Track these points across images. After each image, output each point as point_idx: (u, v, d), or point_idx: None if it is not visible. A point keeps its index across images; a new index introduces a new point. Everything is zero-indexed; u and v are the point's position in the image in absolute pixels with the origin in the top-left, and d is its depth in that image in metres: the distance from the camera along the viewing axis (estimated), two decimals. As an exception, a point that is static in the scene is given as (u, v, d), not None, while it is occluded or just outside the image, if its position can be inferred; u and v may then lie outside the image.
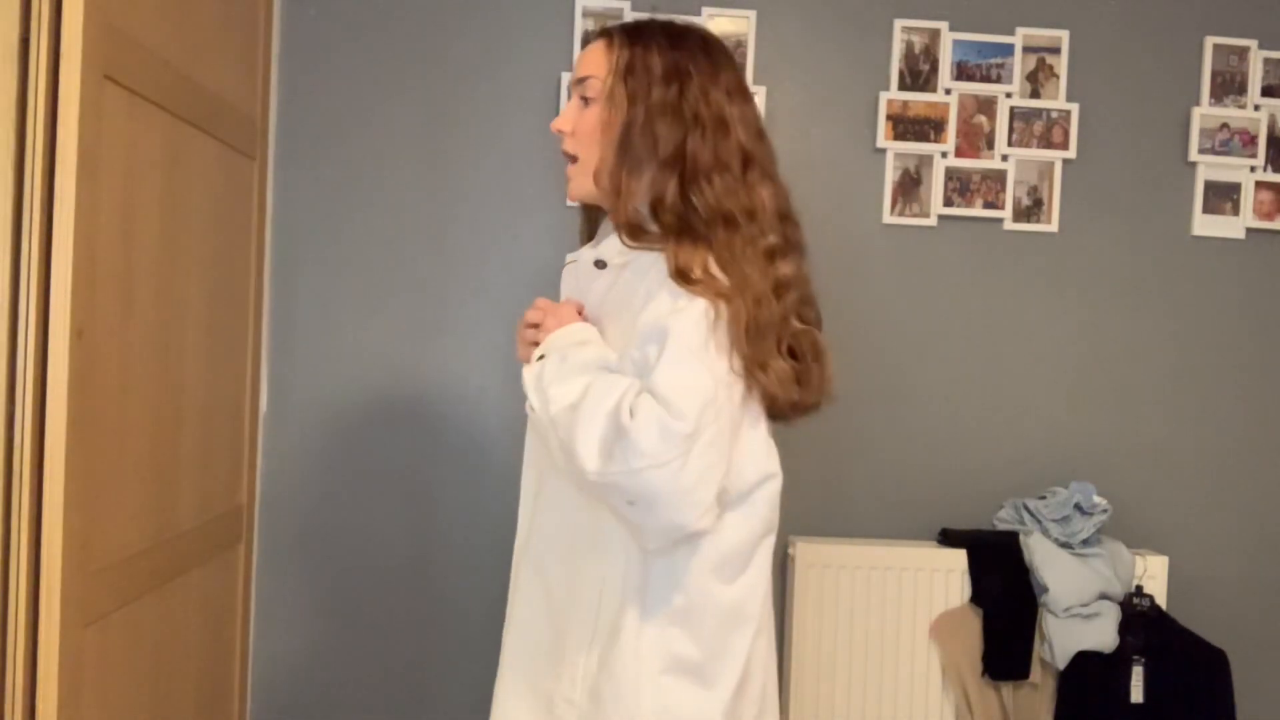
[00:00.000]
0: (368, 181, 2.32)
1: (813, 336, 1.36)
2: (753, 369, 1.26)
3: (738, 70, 1.39)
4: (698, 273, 1.24)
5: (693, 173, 1.29)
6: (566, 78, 2.31)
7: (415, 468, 2.34)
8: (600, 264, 1.38)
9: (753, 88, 2.32)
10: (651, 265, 1.29)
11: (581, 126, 1.35)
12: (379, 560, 2.34)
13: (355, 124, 2.32)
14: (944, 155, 2.36)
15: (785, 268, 1.31)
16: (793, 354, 1.33)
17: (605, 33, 1.38)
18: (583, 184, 1.38)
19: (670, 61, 1.32)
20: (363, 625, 2.34)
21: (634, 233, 1.31)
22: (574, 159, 1.37)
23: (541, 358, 1.33)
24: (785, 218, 1.35)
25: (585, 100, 1.35)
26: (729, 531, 1.31)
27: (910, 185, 2.37)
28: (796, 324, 1.32)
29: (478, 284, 2.34)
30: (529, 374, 1.34)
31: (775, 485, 1.38)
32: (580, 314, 1.40)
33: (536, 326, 1.41)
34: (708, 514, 1.22)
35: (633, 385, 1.23)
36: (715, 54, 1.36)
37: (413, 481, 2.34)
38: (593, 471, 1.21)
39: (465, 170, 2.33)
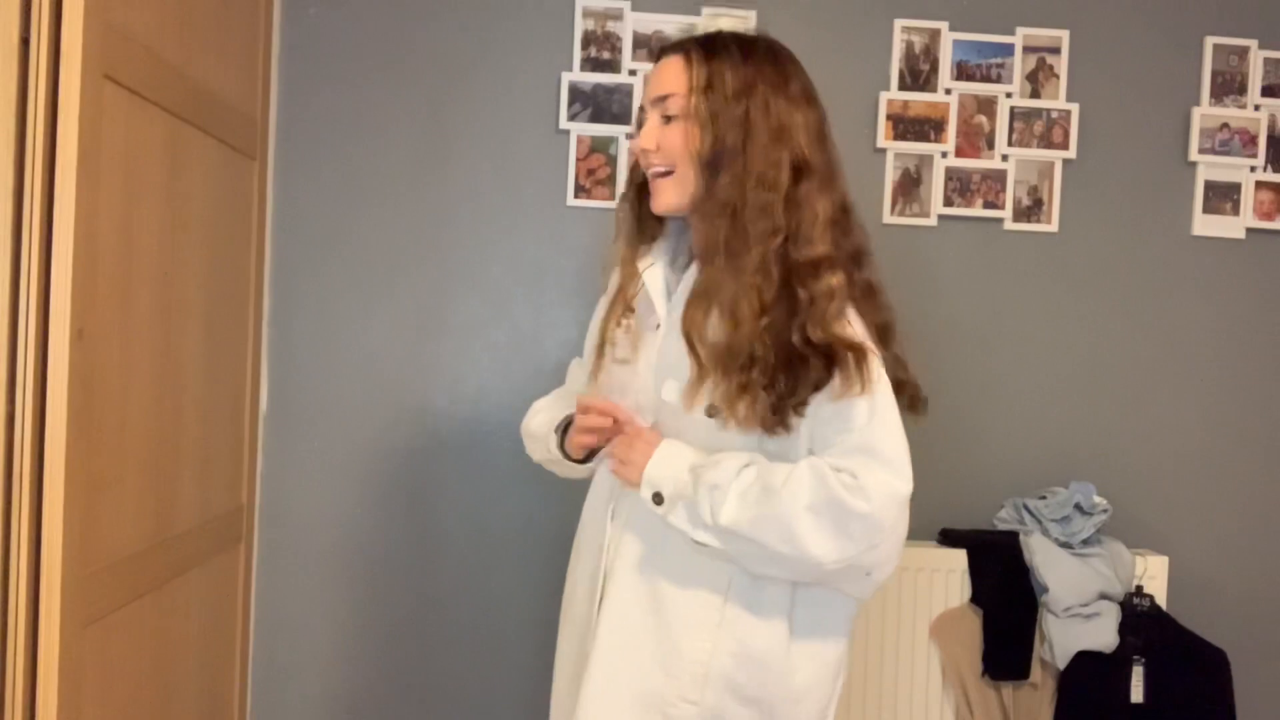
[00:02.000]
0: (368, 181, 2.32)
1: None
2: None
3: (805, 76, 1.40)
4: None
5: (744, 197, 1.32)
6: (567, 78, 2.31)
7: (415, 468, 2.34)
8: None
9: (753, 88, 2.33)
10: None
11: (667, 143, 1.36)
12: (379, 560, 2.34)
13: (355, 124, 2.32)
14: (944, 155, 2.36)
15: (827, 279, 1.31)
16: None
17: (680, 47, 1.39)
18: (673, 197, 1.38)
19: (740, 77, 1.34)
20: (363, 625, 2.34)
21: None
22: (667, 173, 1.37)
23: (658, 495, 1.32)
24: (836, 223, 1.36)
25: (667, 118, 1.36)
26: None
27: (910, 185, 2.37)
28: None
29: (478, 284, 2.34)
30: (678, 520, 1.31)
31: None
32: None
33: (619, 450, 1.38)
34: None
35: (816, 467, 1.27)
36: (783, 62, 1.39)
37: (413, 481, 2.34)
38: (832, 563, 1.26)
39: (465, 170, 2.33)
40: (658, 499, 1.32)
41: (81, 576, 1.52)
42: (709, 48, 1.38)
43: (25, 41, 1.43)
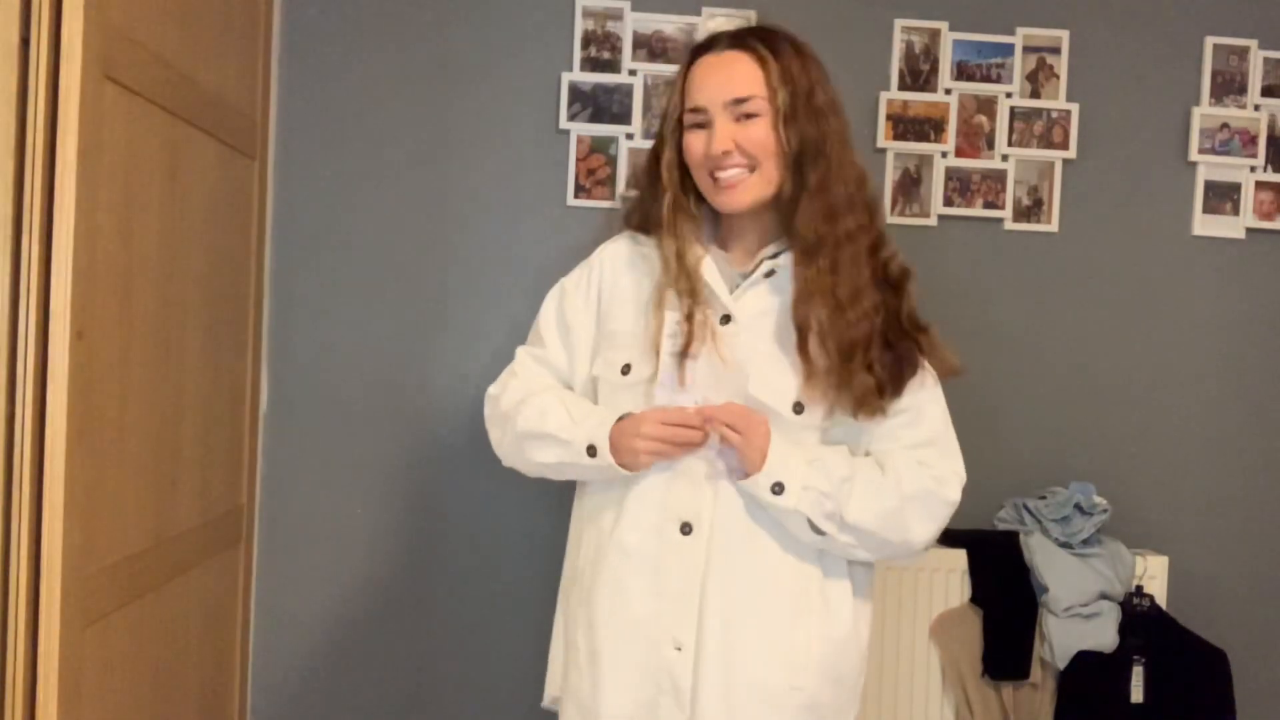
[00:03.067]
0: (368, 181, 2.32)
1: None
2: None
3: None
4: None
5: (835, 190, 1.40)
6: (566, 78, 2.31)
7: (415, 467, 2.34)
8: (771, 273, 1.43)
9: (753, 88, 2.33)
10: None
11: (751, 141, 1.37)
12: (379, 560, 2.34)
13: (355, 124, 2.32)
14: (944, 155, 2.36)
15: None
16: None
17: (740, 45, 1.39)
18: (753, 195, 1.40)
19: (805, 72, 1.40)
20: (363, 625, 2.34)
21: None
22: (747, 171, 1.38)
23: (779, 484, 1.34)
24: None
25: (747, 116, 1.37)
26: None
27: (910, 185, 2.37)
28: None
29: (478, 284, 2.34)
30: (809, 509, 1.35)
31: None
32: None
33: (730, 429, 1.36)
34: None
35: (906, 460, 1.40)
36: (818, 61, 1.47)
37: (413, 481, 2.34)
38: (923, 545, 1.44)
39: (465, 170, 2.33)
40: (777, 488, 1.33)
41: (81, 576, 1.52)
42: (769, 43, 1.39)
43: (25, 41, 1.43)
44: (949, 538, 2.30)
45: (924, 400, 1.44)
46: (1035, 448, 2.40)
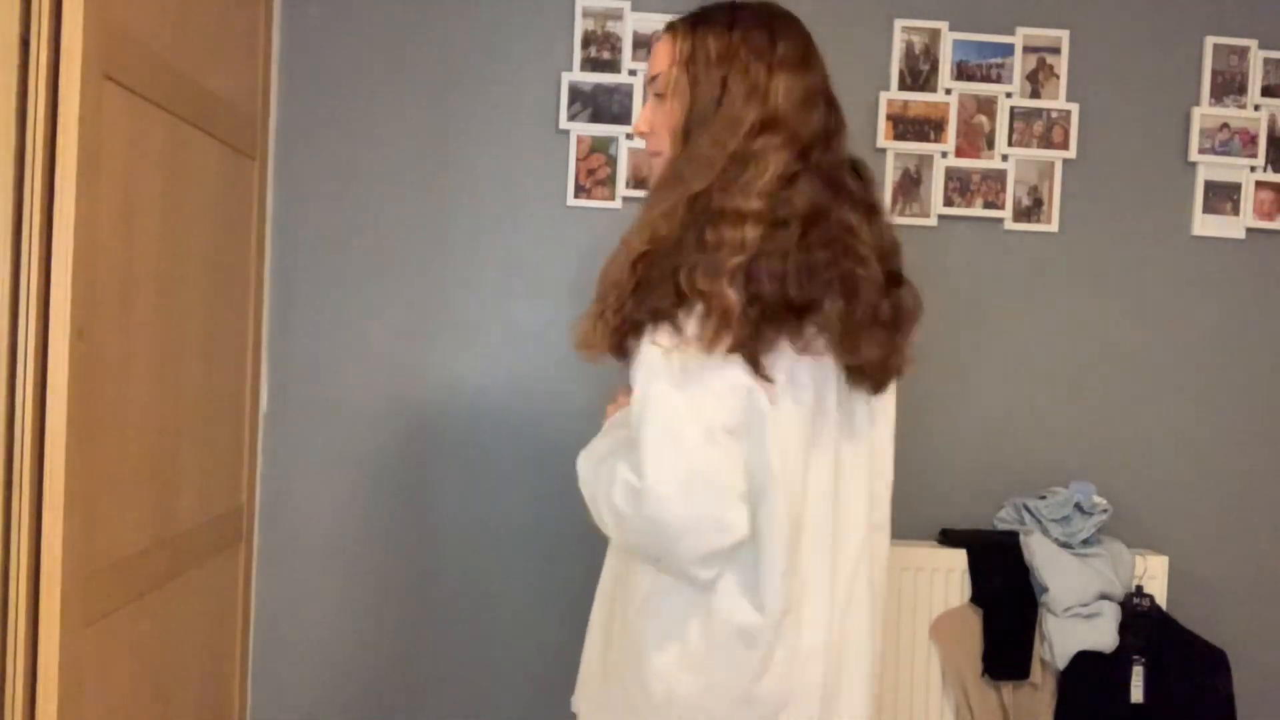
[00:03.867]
0: (368, 181, 2.32)
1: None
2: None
3: (803, 38, 1.34)
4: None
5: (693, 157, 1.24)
6: (566, 78, 2.31)
7: (415, 468, 2.34)
8: None
9: (753, 88, 2.33)
10: None
11: (658, 123, 1.30)
12: (379, 560, 2.34)
13: (355, 124, 2.32)
14: (944, 155, 2.36)
15: (749, 232, 1.16)
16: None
17: (671, 25, 1.33)
18: None
19: (723, 44, 1.26)
20: (363, 625, 2.34)
21: None
22: (658, 154, 1.32)
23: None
24: (793, 180, 1.21)
25: (658, 96, 1.30)
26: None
27: (910, 185, 2.37)
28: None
29: (478, 284, 2.34)
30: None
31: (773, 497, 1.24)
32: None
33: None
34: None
35: (617, 447, 1.25)
36: (776, 26, 1.31)
37: (412, 481, 2.34)
38: (615, 537, 1.26)
39: (465, 170, 2.33)
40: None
41: (81, 576, 1.52)
42: (697, 19, 1.31)
43: (25, 41, 1.43)
44: (949, 538, 2.31)
45: (638, 361, 1.16)
46: (1035, 448, 2.40)
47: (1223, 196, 2.41)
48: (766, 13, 1.33)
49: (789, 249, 1.16)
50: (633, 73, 2.32)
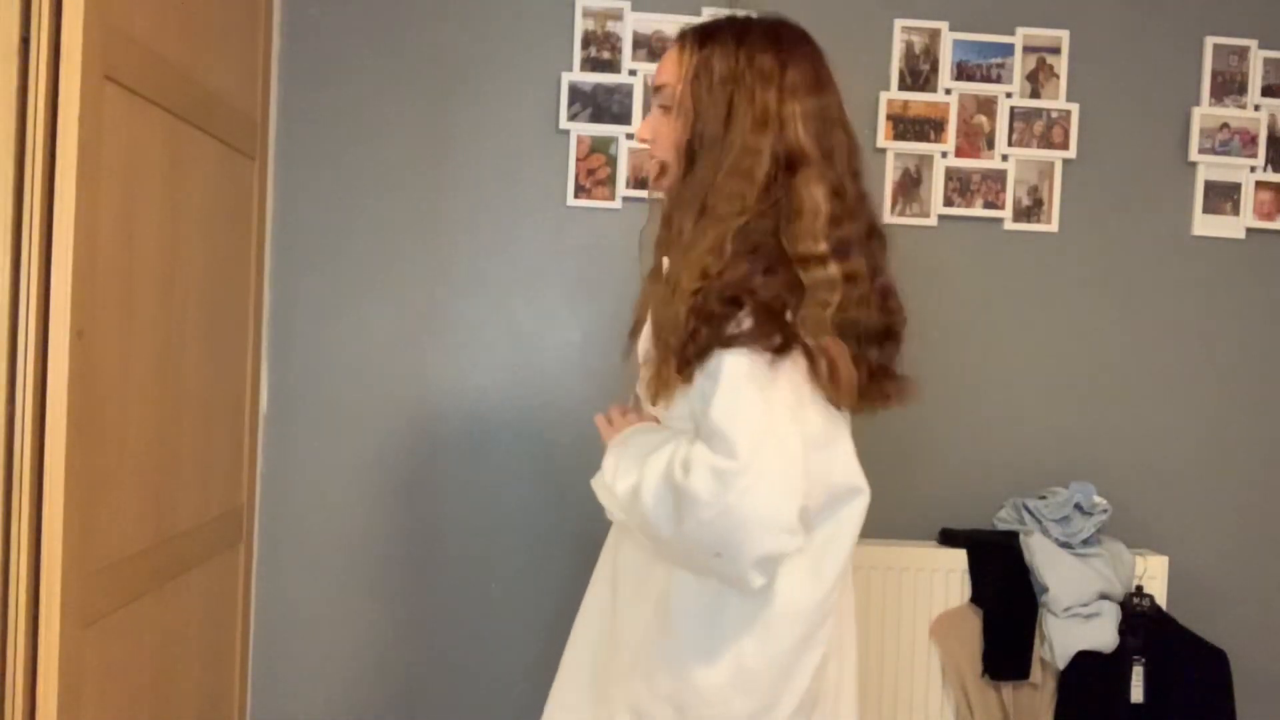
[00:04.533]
0: (368, 181, 2.32)
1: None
2: None
3: (814, 62, 1.34)
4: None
5: (716, 185, 1.25)
6: (566, 78, 2.31)
7: (415, 467, 2.34)
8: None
9: (753, 88, 2.33)
10: None
11: (661, 134, 1.33)
12: (379, 560, 2.34)
13: (355, 123, 2.32)
14: (944, 155, 2.36)
15: (819, 272, 1.21)
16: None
17: (680, 37, 1.35)
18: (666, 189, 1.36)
19: (728, 64, 1.28)
20: (363, 625, 2.34)
21: None
22: (663, 165, 1.34)
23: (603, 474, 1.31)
24: (839, 221, 1.25)
25: (664, 109, 1.33)
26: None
27: (910, 185, 2.37)
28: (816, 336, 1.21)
29: (478, 284, 2.34)
30: (597, 482, 1.30)
31: (857, 502, 1.34)
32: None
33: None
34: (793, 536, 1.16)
35: (679, 441, 1.21)
36: (785, 47, 1.31)
37: (412, 481, 2.34)
38: (670, 537, 1.19)
39: (465, 170, 2.33)
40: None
41: (81, 576, 1.52)
42: (705, 34, 1.32)
43: (25, 41, 1.43)
44: (949, 538, 2.31)
45: (713, 386, 1.16)
46: (1035, 448, 2.40)
47: (1223, 196, 2.41)
48: (775, 34, 1.33)
49: (866, 301, 1.26)
50: (633, 73, 2.32)
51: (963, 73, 2.37)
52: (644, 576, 1.30)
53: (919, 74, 2.36)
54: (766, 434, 1.13)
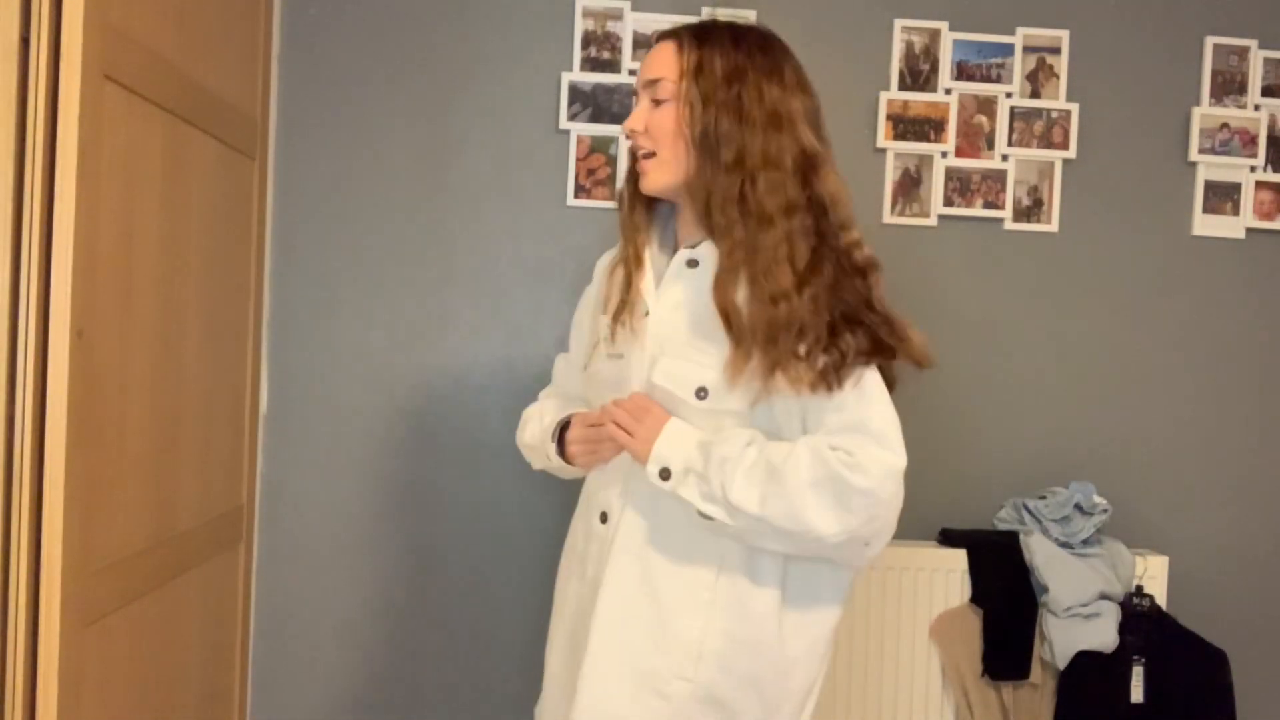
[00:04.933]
0: (368, 181, 2.32)
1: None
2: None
3: (798, 66, 1.43)
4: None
5: (751, 174, 1.34)
6: (566, 78, 2.31)
7: (415, 468, 2.34)
8: (693, 263, 1.42)
9: (753, 88, 2.33)
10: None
11: (655, 125, 1.39)
12: (379, 560, 2.34)
13: (355, 124, 2.32)
14: (944, 155, 2.36)
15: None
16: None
17: (673, 35, 1.42)
18: (661, 178, 1.41)
19: (731, 62, 1.36)
20: (362, 625, 2.34)
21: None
22: (651, 154, 1.40)
23: (665, 470, 1.34)
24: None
25: (656, 101, 1.40)
26: None
27: (910, 185, 2.37)
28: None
29: (478, 284, 2.34)
30: (688, 493, 1.33)
31: None
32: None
33: (624, 431, 1.40)
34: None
35: (814, 445, 1.31)
36: (775, 50, 1.40)
37: (413, 481, 2.34)
38: (834, 536, 1.29)
39: (465, 170, 2.33)
40: (664, 474, 1.34)
41: (81, 576, 1.52)
42: (701, 34, 1.40)
43: (25, 41, 1.43)
44: (949, 538, 2.31)
45: (858, 391, 1.31)
46: (1035, 448, 2.40)
47: (1223, 196, 2.41)
48: (765, 36, 1.43)
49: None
50: (632, 73, 2.32)
51: (963, 73, 2.37)
52: (692, 576, 1.37)
53: (919, 74, 2.36)
54: (898, 435, 1.33)
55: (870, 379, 1.32)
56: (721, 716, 1.36)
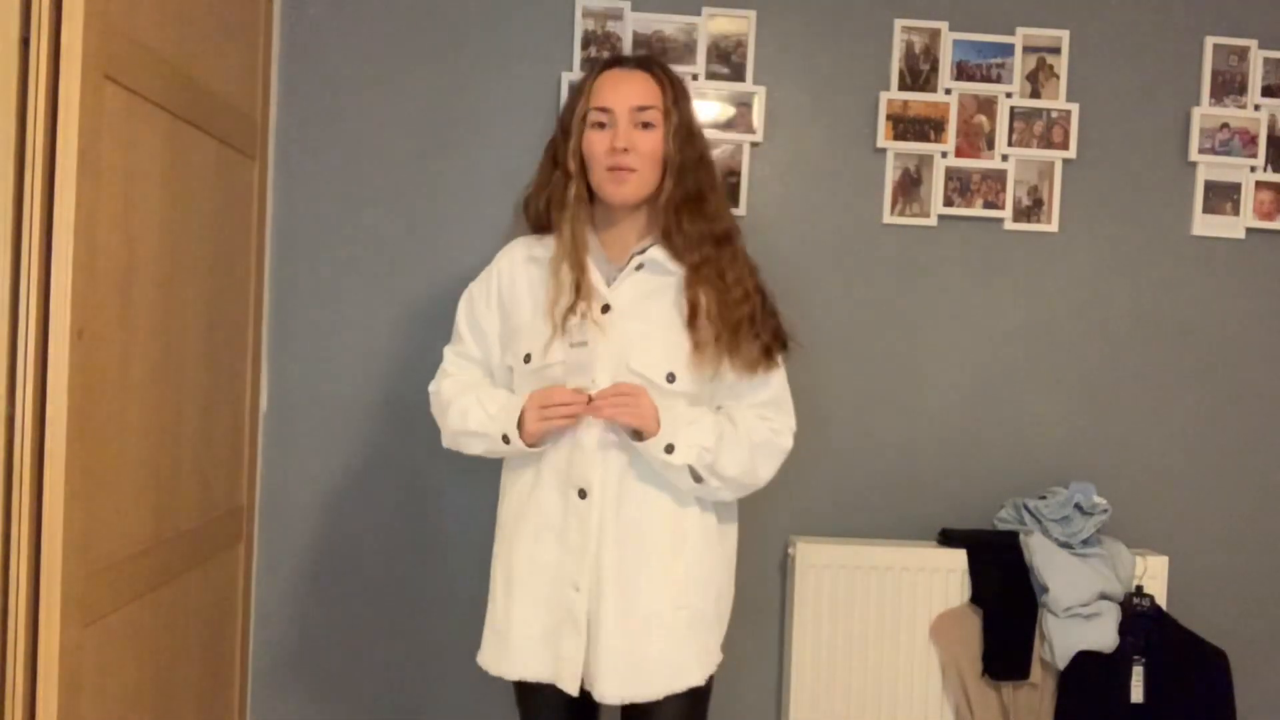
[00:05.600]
0: (368, 181, 2.32)
1: None
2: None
3: None
4: None
5: (710, 194, 1.68)
6: (567, 77, 2.31)
7: (415, 467, 2.34)
8: (640, 266, 1.67)
9: (752, 88, 2.34)
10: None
11: (644, 147, 1.62)
12: (379, 560, 2.34)
13: (355, 124, 2.32)
14: (944, 155, 2.36)
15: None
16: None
17: (644, 65, 1.68)
18: (637, 192, 1.65)
19: (680, 88, 1.68)
20: (363, 625, 2.34)
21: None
22: (633, 170, 1.62)
23: (670, 445, 1.60)
24: None
25: (646, 125, 1.63)
26: None
27: (910, 185, 2.37)
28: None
29: (478, 284, 2.34)
30: (697, 463, 1.61)
31: None
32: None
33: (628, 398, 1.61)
34: None
35: (751, 418, 1.68)
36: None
37: (413, 481, 2.34)
38: (766, 481, 1.72)
39: (465, 170, 2.33)
40: (669, 448, 1.59)
41: (81, 576, 1.52)
42: (663, 68, 1.68)
43: (25, 41, 1.43)
44: (949, 538, 2.31)
45: (777, 372, 1.72)
46: (1035, 448, 2.40)
47: (1223, 196, 2.41)
48: (681, 80, 1.75)
49: None
50: (633, 73, 2.32)
51: (963, 73, 2.37)
52: (675, 525, 1.67)
53: (919, 74, 2.36)
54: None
55: (780, 362, 1.71)
56: (702, 628, 1.67)
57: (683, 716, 1.66)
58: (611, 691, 1.60)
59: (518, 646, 1.66)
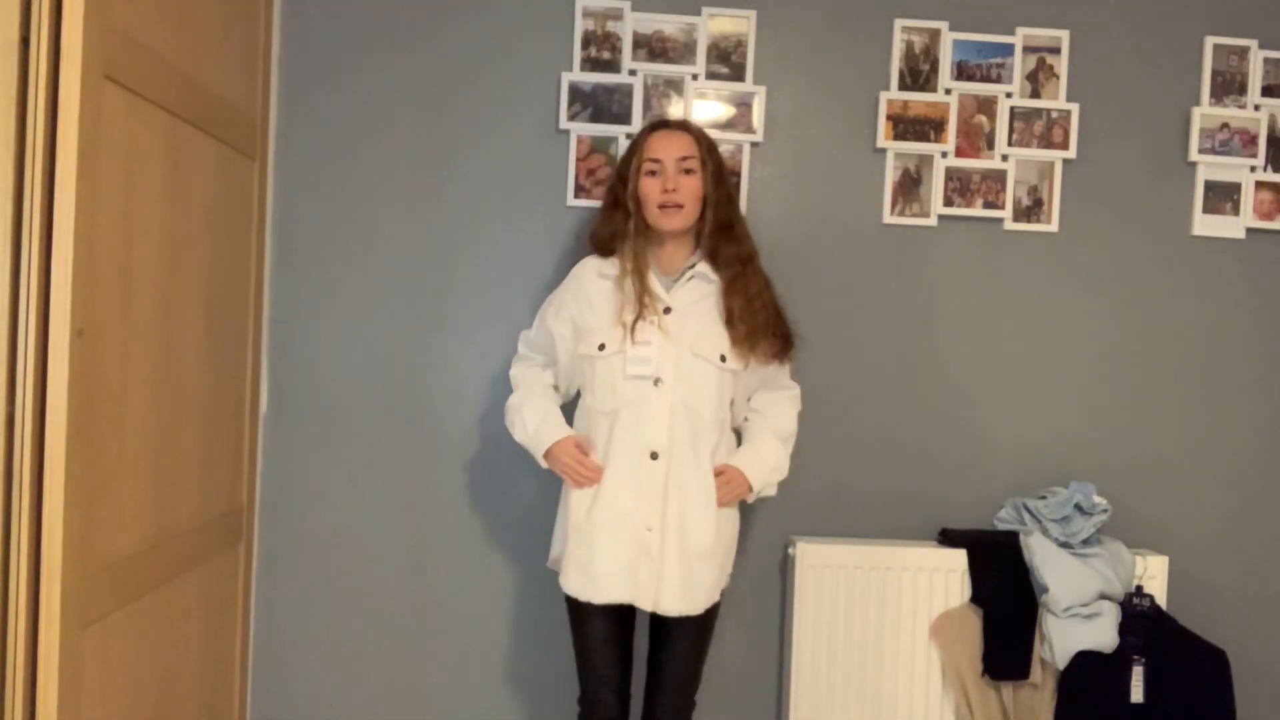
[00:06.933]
0: (368, 181, 2.33)
1: None
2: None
3: None
4: None
5: (736, 223, 2.07)
6: (567, 78, 2.31)
7: (415, 467, 2.34)
8: (691, 278, 2.03)
9: (753, 87, 2.34)
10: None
11: (686, 188, 1.99)
12: (379, 560, 2.34)
13: (355, 124, 2.32)
14: (944, 155, 2.36)
15: None
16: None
17: (682, 127, 2.05)
18: (685, 223, 2.01)
19: (716, 149, 2.06)
20: (363, 625, 2.35)
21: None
22: (680, 206, 1.98)
23: (761, 493, 2.09)
24: None
25: (687, 171, 1.99)
26: None
27: (910, 185, 2.37)
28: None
29: (477, 284, 2.34)
30: (774, 480, 2.10)
31: None
32: None
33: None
34: None
35: (780, 396, 2.15)
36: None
37: (412, 481, 2.34)
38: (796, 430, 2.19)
39: (465, 170, 2.34)
40: (762, 494, 2.09)
41: (81, 576, 1.52)
42: (697, 127, 2.07)
43: (25, 41, 1.43)
44: (949, 538, 2.31)
45: (789, 365, 2.15)
46: (1035, 448, 2.40)
47: (1222, 196, 2.41)
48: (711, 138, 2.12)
49: None
50: (633, 73, 2.32)
51: (963, 73, 2.37)
52: (712, 481, 2.02)
53: (919, 74, 2.36)
54: None
55: (791, 357, 2.13)
56: (726, 559, 2.05)
57: (703, 626, 2.02)
58: (674, 607, 1.95)
59: (603, 576, 1.96)
